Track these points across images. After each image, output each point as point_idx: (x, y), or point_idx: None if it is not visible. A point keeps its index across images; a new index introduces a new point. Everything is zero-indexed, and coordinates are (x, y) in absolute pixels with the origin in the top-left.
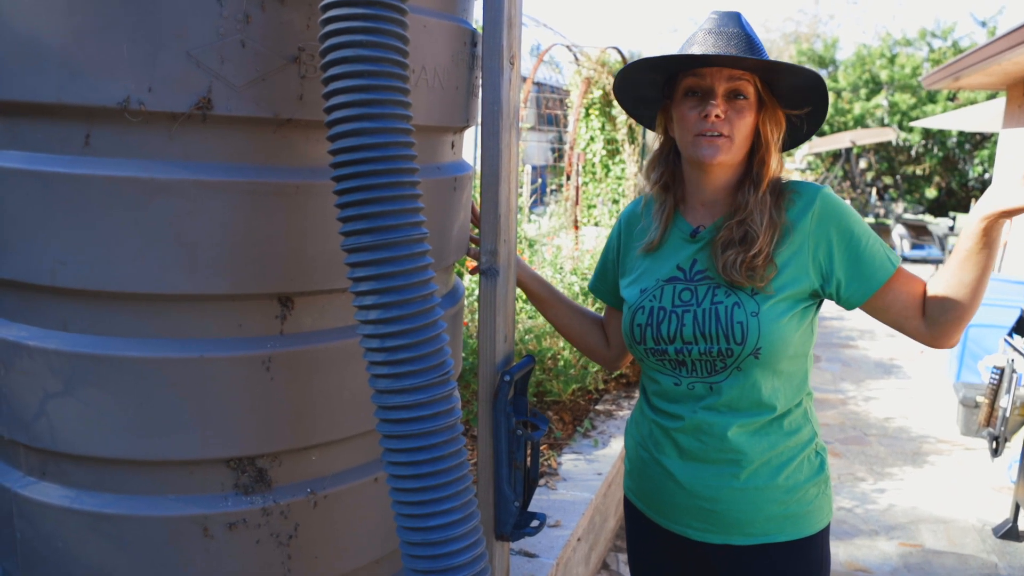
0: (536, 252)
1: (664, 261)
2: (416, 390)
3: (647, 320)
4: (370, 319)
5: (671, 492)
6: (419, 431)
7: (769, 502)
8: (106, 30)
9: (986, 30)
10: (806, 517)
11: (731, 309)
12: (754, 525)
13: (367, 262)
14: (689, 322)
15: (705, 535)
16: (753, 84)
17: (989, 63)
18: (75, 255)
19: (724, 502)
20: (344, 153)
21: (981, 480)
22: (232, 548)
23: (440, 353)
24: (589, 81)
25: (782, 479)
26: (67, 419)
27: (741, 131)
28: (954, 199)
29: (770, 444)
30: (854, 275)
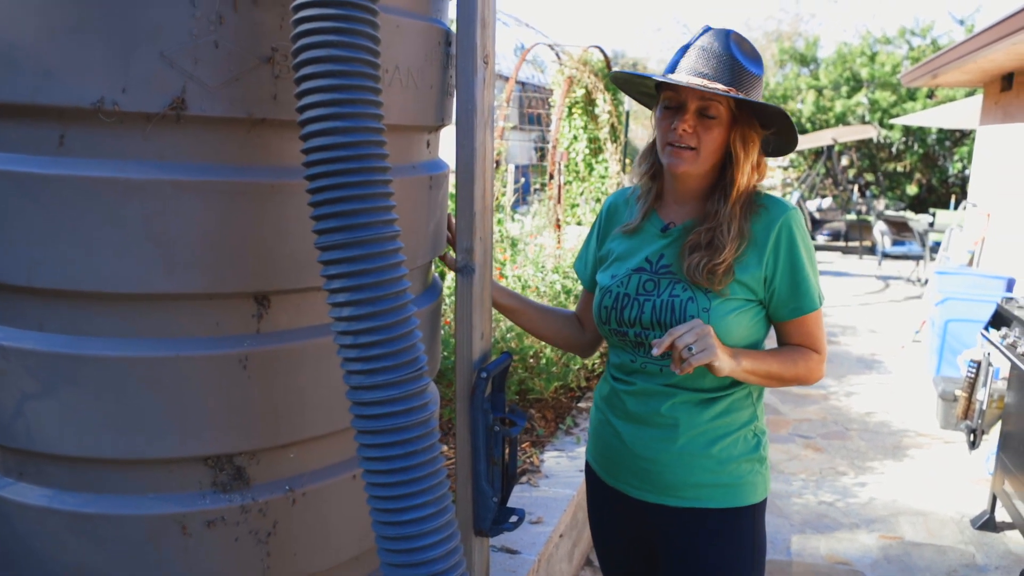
0: (519, 251)
1: (635, 252)
2: (389, 386)
3: (612, 303)
4: (343, 316)
5: (617, 450)
6: (392, 426)
7: (702, 469)
8: (80, 31)
9: (964, 28)
10: (737, 488)
11: (685, 303)
12: (687, 489)
13: (339, 260)
14: (648, 310)
15: (643, 493)
16: (726, 104)
17: (965, 60)
18: (51, 255)
19: (660, 463)
20: (316, 152)
21: (959, 473)
22: (211, 546)
23: (413, 349)
24: (571, 80)
25: (716, 450)
26: (44, 419)
27: (708, 146)
28: (934, 196)
29: (708, 418)
30: (787, 298)
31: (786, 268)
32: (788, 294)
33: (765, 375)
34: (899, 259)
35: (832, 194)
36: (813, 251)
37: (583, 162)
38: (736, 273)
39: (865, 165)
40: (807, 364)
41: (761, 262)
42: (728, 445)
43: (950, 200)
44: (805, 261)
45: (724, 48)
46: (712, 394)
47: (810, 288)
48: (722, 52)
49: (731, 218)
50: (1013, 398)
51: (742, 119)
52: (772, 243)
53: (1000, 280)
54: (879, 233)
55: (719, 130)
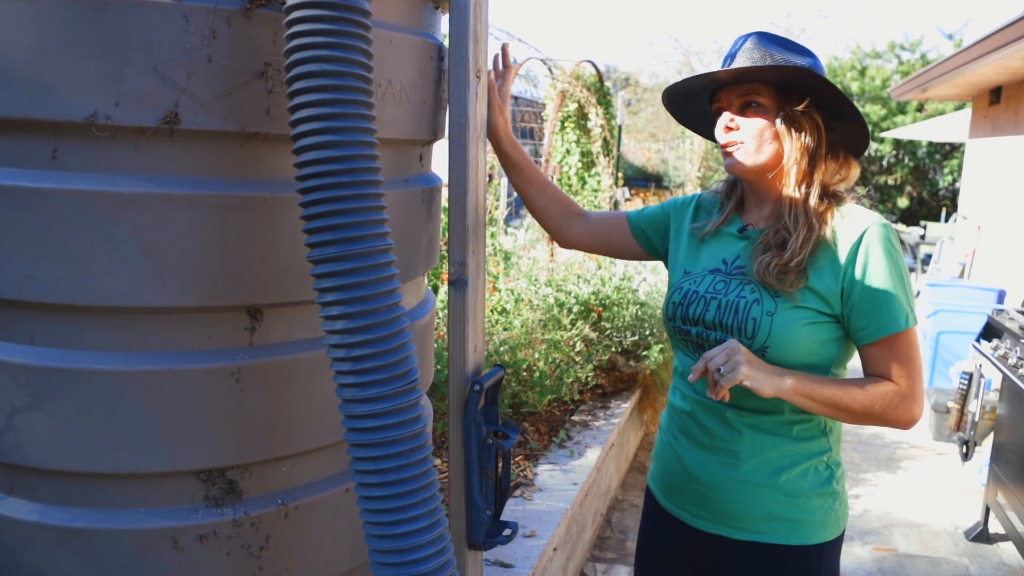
0: (512, 265)
1: (713, 252)
2: (382, 399)
3: (680, 300)
4: (336, 329)
5: (677, 475)
6: (385, 439)
7: (767, 500)
8: (73, 46)
9: (952, 42)
10: (805, 525)
11: (750, 304)
12: (750, 521)
13: (332, 273)
14: (713, 309)
15: (701, 522)
16: (767, 93)
17: (954, 74)
18: (43, 269)
19: (721, 491)
20: (309, 166)
21: (952, 484)
22: (203, 560)
23: (406, 362)
24: (564, 94)
25: (782, 480)
26: (35, 433)
27: (751, 132)
28: (925, 208)
29: (775, 443)
30: (868, 314)
31: (868, 280)
32: (869, 310)
33: (827, 403)
34: None
35: None
36: (904, 267)
37: (576, 176)
38: (810, 279)
39: None
40: (886, 400)
41: (838, 273)
42: (796, 476)
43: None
44: (891, 275)
45: (755, 43)
46: (778, 416)
47: (895, 305)
48: (753, 47)
49: (798, 213)
50: (1005, 410)
51: (788, 104)
52: (852, 252)
53: (991, 292)
54: None
55: (763, 116)
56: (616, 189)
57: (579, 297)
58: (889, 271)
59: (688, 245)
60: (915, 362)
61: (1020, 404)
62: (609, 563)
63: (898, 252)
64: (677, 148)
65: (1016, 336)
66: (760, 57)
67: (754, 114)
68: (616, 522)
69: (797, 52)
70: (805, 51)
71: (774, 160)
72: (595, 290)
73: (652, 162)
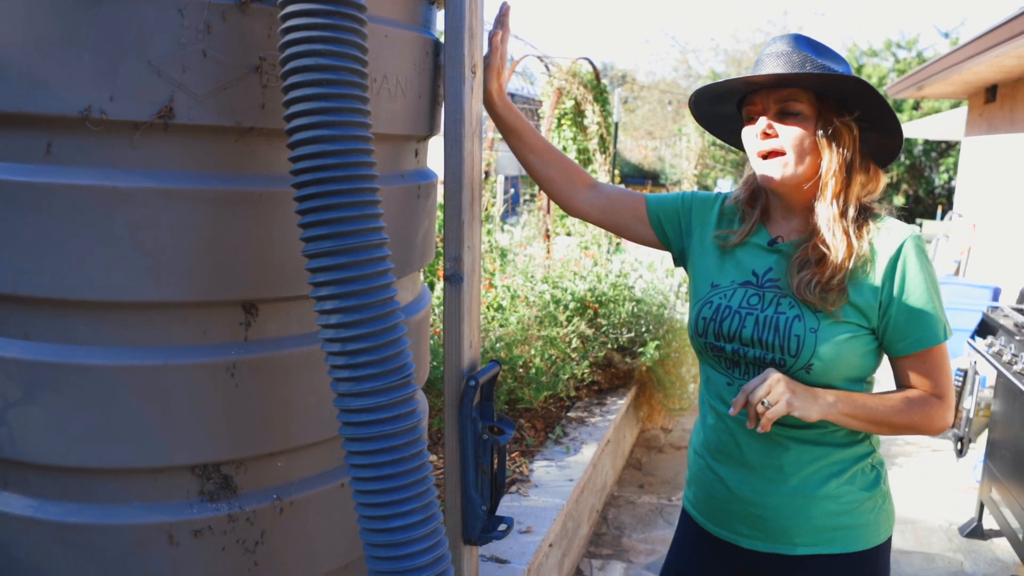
0: (508, 261)
1: (741, 264)
2: (376, 393)
3: (712, 315)
4: (331, 323)
5: (723, 498)
6: (380, 433)
7: (819, 512)
8: (67, 40)
9: (948, 41)
10: (858, 530)
11: (791, 321)
12: (803, 534)
13: (327, 267)
14: (750, 325)
15: (754, 543)
16: (806, 99)
17: (950, 72)
18: (37, 264)
19: (772, 508)
20: (303, 160)
21: (947, 480)
22: (198, 555)
23: (400, 356)
24: (561, 92)
25: (832, 488)
26: (29, 428)
27: (793, 142)
28: (921, 206)
29: (821, 453)
30: (905, 327)
31: (906, 294)
32: (906, 323)
33: (870, 420)
34: None
35: None
36: (937, 280)
37: None
38: (850, 294)
39: None
40: (925, 410)
41: (877, 287)
42: (845, 482)
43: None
44: (928, 288)
45: (793, 46)
46: (818, 428)
47: (933, 318)
48: (791, 50)
49: (836, 227)
50: (999, 406)
51: (826, 112)
52: (890, 266)
53: (986, 289)
54: None
55: (803, 126)
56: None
57: (575, 294)
58: (926, 284)
59: (713, 255)
60: (948, 372)
61: (1014, 401)
62: (605, 559)
63: (931, 264)
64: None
65: (1011, 333)
66: (800, 61)
67: (794, 122)
68: (612, 518)
69: (832, 58)
70: (839, 57)
71: (811, 171)
72: (591, 287)
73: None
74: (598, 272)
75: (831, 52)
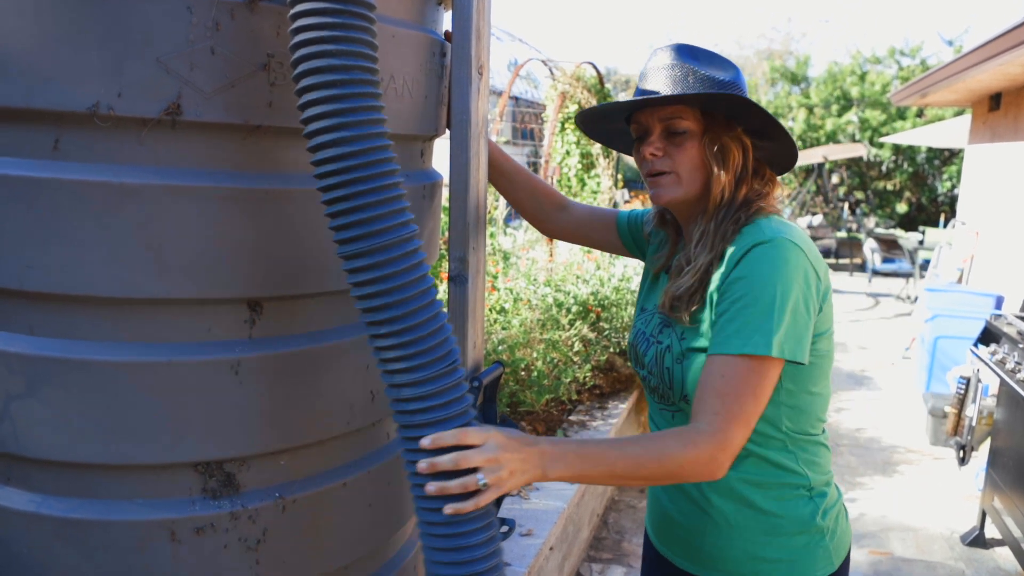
0: (511, 264)
1: (660, 288)
2: (428, 381)
3: (633, 340)
4: (379, 320)
5: (666, 519)
6: (435, 419)
7: (745, 541)
8: (76, 36)
9: (952, 48)
10: (789, 565)
11: (664, 353)
12: (733, 562)
13: (365, 267)
14: (650, 354)
15: (687, 564)
16: (692, 116)
17: (954, 80)
18: (43, 259)
19: (697, 533)
20: (328, 164)
21: (949, 489)
22: (200, 553)
23: (446, 343)
24: (564, 96)
25: (756, 520)
26: (32, 424)
27: (684, 165)
28: (924, 214)
29: (740, 480)
30: (716, 328)
31: (731, 297)
32: (720, 324)
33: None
34: (889, 276)
35: (822, 211)
36: (789, 296)
37: (575, 177)
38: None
39: (855, 183)
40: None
41: (713, 293)
42: (772, 513)
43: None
44: (757, 298)
45: (675, 59)
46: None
47: (746, 328)
48: (673, 63)
49: (706, 236)
50: (1002, 415)
51: (713, 127)
52: (727, 270)
53: (989, 297)
54: (869, 251)
55: (692, 144)
56: (616, 191)
57: (578, 297)
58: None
59: (648, 277)
60: (737, 395)
61: (1017, 409)
62: (605, 563)
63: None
64: None
65: (1014, 341)
66: (682, 75)
67: (681, 140)
68: (612, 522)
69: (719, 65)
70: (727, 63)
71: (701, 187)
72: (594, 290)
73: None
74: (601, 276)
75: (717, 58)
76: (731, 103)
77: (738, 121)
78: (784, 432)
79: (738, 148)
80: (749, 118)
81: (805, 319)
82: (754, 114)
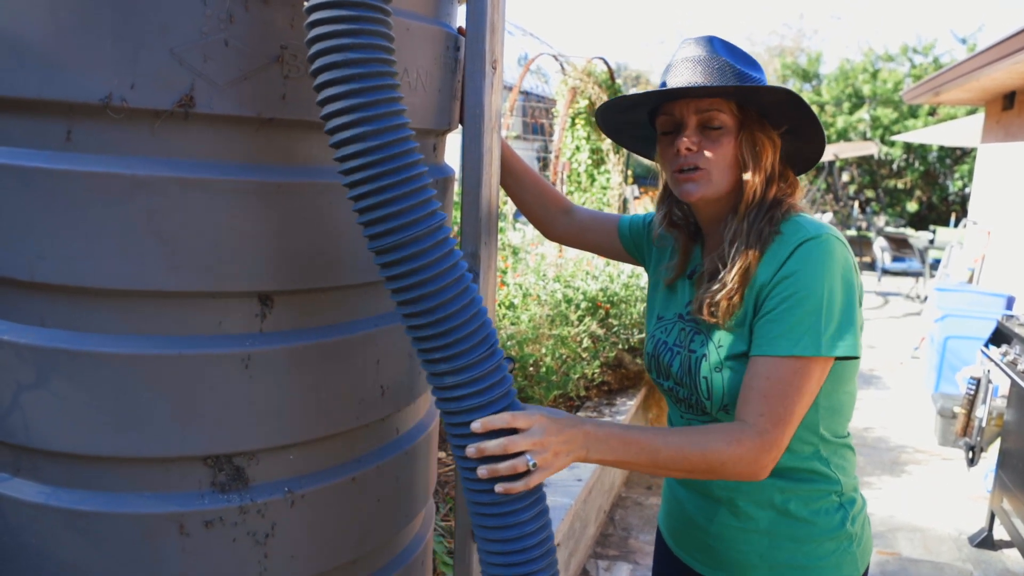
0: (520, 260)
1: (678, 296)
2: (470, 367)
3: (653, 351)
4: (418, 311)
5: (685, 522)
6: (476, 405)
7: (772, 548)
8: (89, 27)
9: (966, 47)
10: (819, 571)
11: (699, 362)
12: (758, 570)
13: (398, 260)
14: (676, 364)
15: (711, 571)
16: (728, 110)
17: (967, 79)
18: (54, 250)
19: (726, 540)
20: (353, 159)
21: (958, 489)
22: (208, 546)
23: (484, 327)
24: (575, 91)
25: (787, 526)
26: (42, 415)
27: (718, 162)
28: (935, 213)
29: (772, 486)
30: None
31: (778, 296)
32: (766, 324)
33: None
34: (899, 275)
35: (832, 210)
36: (837, 291)
37: (585, 172)
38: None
39: (866, 181)
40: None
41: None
42: (803, 521)
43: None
44: (807, 296)
45: (711, 53)
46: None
47: (796, 329)
48: (710, 57)
49: (737, 237)
50: (1012, 416)
51: (748, 124)
52: (773, 273)
53: (1000, 298)
54: (879, 249)
55: (728, 141)
56: (625, 187)
57: (587, 293)
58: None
59: (661, 286)
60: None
61: None
62: (611, 560)
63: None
64: None
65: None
66: (719, 68)
67: (717, 136)
68: (619, 519)
69: (748, 63)
70: (753, 61)
71: (732, 185)
72: (603, 287)
73: None
74: (610, 272)
75: (746, 55)
76: (782, 99)
77: (770, 119)
78: (819, 435)
79: (771, 146)
80: (783, 117)
81: (855, 311)
82: (803, 115)
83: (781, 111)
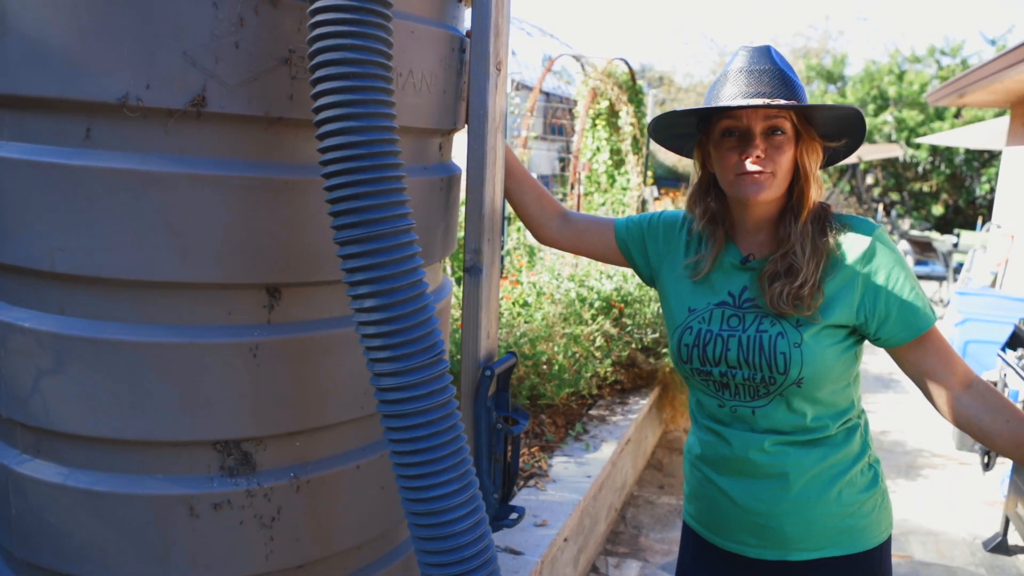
0: (538, 259)
1: (716, 286)
2: (411, 371)
3: (694, 341)
4: (365, 307)
5: (726, 510)
6: (416, 409)
7: (823, 516)
8: (107, 30)
9: (995, 48)
10: (862, 531)
11: (775, 339)
12: (809, 539)
13: (358, 253)
14: (734, 347)
15: (761, 551)
16: (790, 119)
17: (991, 80)
18: (73, 242)
19: (777, 516)
20: (332, 151)
21: (973, 494)
22: (217, 528)
23: (431, 335)
24: (596, 91)
25: (834, 492)
26: (61, 399)
27: (782, 167)
28: (961, 217)
29: (818, 457)
30: (897, 319)
31: (890, 285)
32: (900, 314)
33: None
34: (922, 279)
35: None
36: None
37: (605, 173)
38: (828, 296)
39: (890, 184)
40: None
41: (854, 285)
42: (846, 484)
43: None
44: (909, 276)
45: (773, 64)
46: (814, 434)
47: (922, 304)
48: (773, 68)
49: (804, 236)
50: None
51: (805, 133)
52: (864, 262)
53: (1021, 302)
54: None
55: (789, 148)
56: (645, 188)
57: (601, 293)
58: (906, 273)
59: (687, 280)
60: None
61: None
62: (621, 557)
63: (900, 254)
64: None
65: None
66: (785, 82)
67: (780, 143)
68: (630, 517)
69: (791, 71)
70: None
71: (787, 190)
72: (617, 286)
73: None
74: (625, 272)
75: (791, 68)
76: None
77: (817, 129)
78: (853, 403)
79: (818, 153)
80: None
81: None
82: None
83: (839, 125)
